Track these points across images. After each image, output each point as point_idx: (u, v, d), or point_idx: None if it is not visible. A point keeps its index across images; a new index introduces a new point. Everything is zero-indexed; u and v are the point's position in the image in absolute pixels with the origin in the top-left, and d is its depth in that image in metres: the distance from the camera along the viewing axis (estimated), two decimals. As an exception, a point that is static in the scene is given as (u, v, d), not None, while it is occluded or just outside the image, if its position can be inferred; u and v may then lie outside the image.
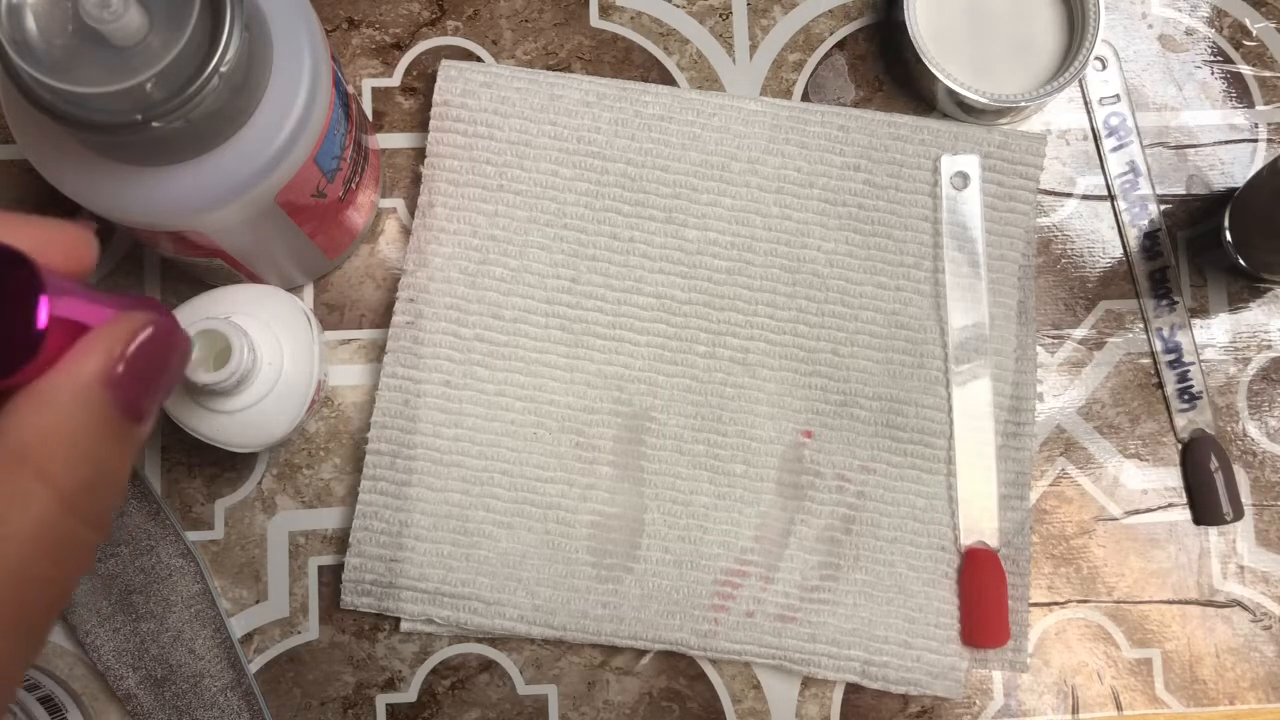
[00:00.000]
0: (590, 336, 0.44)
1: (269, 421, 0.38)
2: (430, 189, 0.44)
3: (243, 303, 0.38)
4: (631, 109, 0.44)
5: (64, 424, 0.21)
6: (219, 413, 0.37)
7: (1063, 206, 0.47)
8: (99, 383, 0.22)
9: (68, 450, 0.21)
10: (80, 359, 0.22)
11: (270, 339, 0.38)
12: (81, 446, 0.21)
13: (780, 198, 0.44)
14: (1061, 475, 0.45)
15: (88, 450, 0.21)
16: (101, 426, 0.22)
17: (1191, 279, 0.46)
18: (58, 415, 0.21)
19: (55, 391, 0.21)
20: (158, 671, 0.41)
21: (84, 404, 0.21)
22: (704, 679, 0.43)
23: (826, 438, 0.44)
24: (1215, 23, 0.48)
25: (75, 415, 0.21)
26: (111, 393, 0.22)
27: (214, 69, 0.29)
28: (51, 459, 0.21)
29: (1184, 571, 0.44)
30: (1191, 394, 0.45)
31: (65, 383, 0.21)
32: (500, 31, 0.47)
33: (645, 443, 0.43)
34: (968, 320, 0.44)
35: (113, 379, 0.22)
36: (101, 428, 0.22)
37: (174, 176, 0.32)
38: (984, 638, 0.42)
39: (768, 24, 0.47)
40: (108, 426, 0.22)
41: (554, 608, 0.42)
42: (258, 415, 0.38)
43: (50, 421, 0.21)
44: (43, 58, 0.28)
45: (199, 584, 0.42)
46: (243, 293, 0.39)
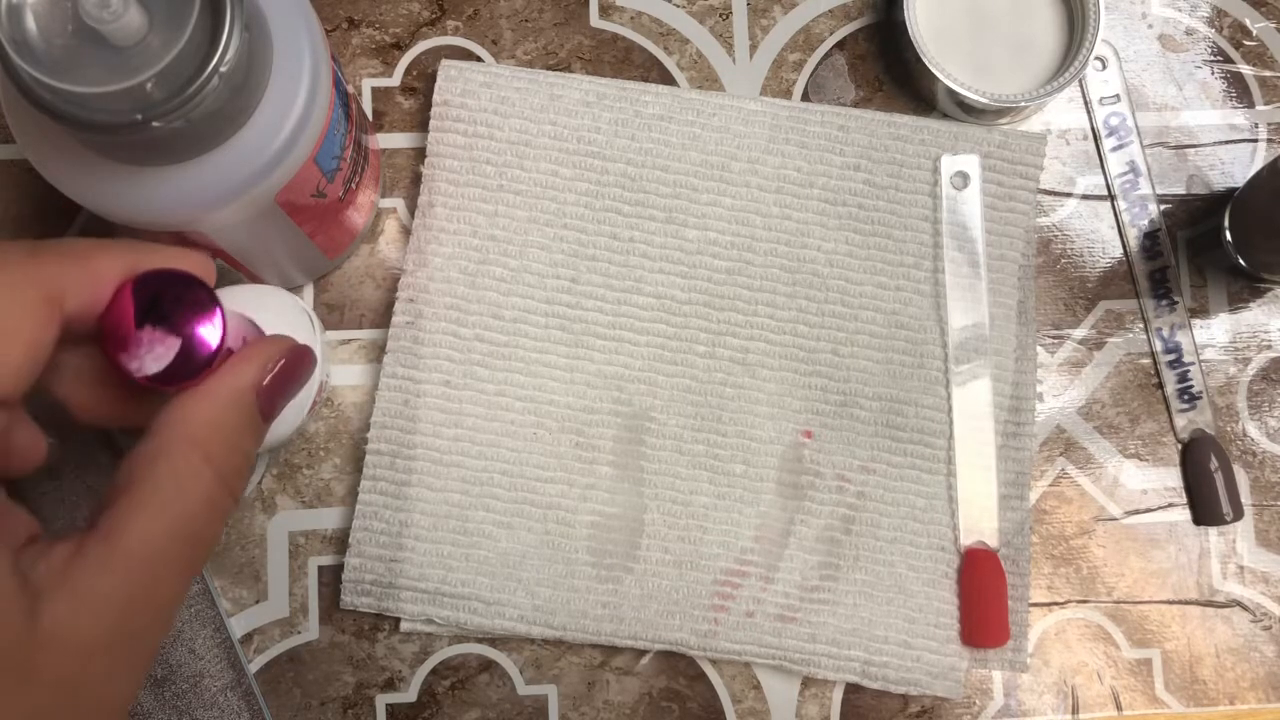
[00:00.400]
0: (590, 336, 0.44)
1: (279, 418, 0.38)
2: (430, 189, 0.44)
3: (246, 303, 0.38)
4: (631, 109, 0.44)
5: (225, 420, 0.27)
6: None
7: (1063, 206, 0.47)
8: (252, 390, 0.28)
9: (226, 441, 0.27)
10: (240, 370, 0.28)
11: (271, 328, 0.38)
12: (234, 438, 0.27)
13: (780, 198, 0.44)
14: (1061, 475, 0.45)
15: (237, 441, 0.28)
16: (248, 423, 0.28)
17: (1191, 279, 0.46)
18: (222, 414, 0.27)
19: (221, 394, 0.27)
20: (158, 671, 0.41)
21: (240, 406, 0.28)
22: (704, 679, 0.43)
23: (826, 438, 0.44)
24: (1215, 23, 0.48)
25: (233, 414, 0.28)
26: (259, 398, 0.28)
27: (214, 69, 0.29)
28: (215, 447, 0.27)
29: (1184, 571, 0.44)
30: (1191, 394, 0.45)
31: (229, 387, 0.28)
32: (500, 31, 0.47)
33: (645, 443, 0.43)
34: (968, 320, 0.44)
35: (262, 389, 0.28)
36: (248, 424, 0.28)
37: (174, 176, 0.32)
38: (984, 638, 0.42)
39: (768, 24, 0.47)
40: (252, 423, 0.28)
41: (554, 608, 0.42)
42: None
43: (216, 417, 0.27)
44: (43, 58, 0.28)
45: (199, 584, 0.42)
46: (246, 293, 0.39)
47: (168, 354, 0.27)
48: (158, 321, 0.27)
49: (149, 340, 0.27)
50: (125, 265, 0.27)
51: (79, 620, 0.24)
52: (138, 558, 0.25)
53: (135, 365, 0.27)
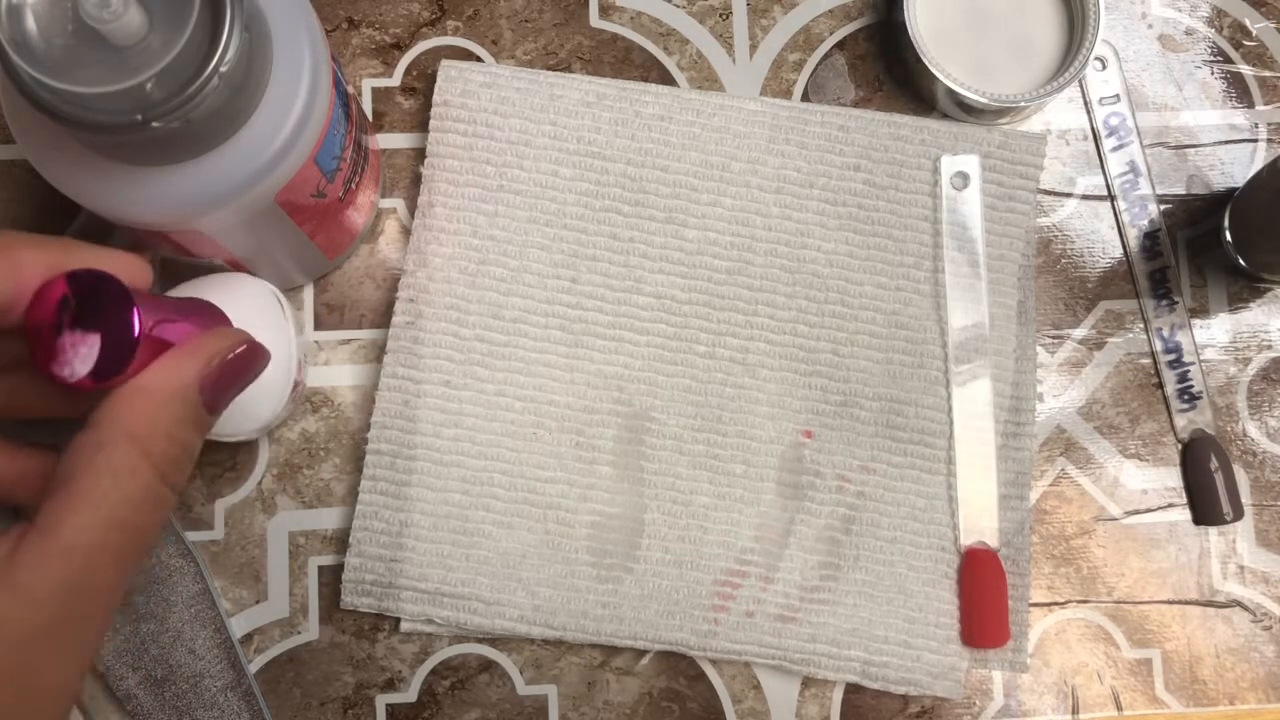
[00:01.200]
0: (590, 336, 0.44)
1: (253, 407, 0.38)
2: (430, 189, 0.44)
3: (215, 292, 0.38)
4: (631, 109, 0.44)
5: (164, 413, 0.27)
6: None
7: (1063, 206, 0.47)
8: (195, 383, 0.28)
9: (165, 434, 0.27)
10: (182, 363, 0.28)
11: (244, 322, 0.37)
12: (173, 432, 0.27)
13: (780, 198, 0.44)
14: (1061, 475, 0.45)
15: (178, 435, 0.27)
16: (190, 417, 0.28)
17: (1191, 279, 0.46)
18: (161, 407, 0.27)
19: (161, 388, 0.27)
20: (158, 671, 0.41)
21: (182, 400, 0.27)
22: (704, 679, 0.43)
23: (826, 438, 0.44)
24: (1215, 23, 0.48)
25: (174, 407, 0.27)
26: (203, 392, 0.28)
27: (214, 69, 0.29)
28: (153, 440, 0.27)
29: (1184, 571, 0.44)
30: (1191, 394, 0.45)
31: (169, 381, 0.27)
32: (500, 31, 0.47)
33: (645, 443, 0.43)
34: (968, 320, 0.44)
35: (206, 382, 0.28)
36: (190, 418, 0.28)
37: (174, 176, 0.32)
38: (984, 638, 0.42)
39: (768, 24, 0.47)
40: (194, 417, 0.28)
41: (554, 608, 0.42)
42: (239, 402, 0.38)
43: (155, 411, 0.27)
44: (43, 58, 0.28)
45: (199, 584, 0.42)
46: (215, 282, 0.39)
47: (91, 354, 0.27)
48: (75, 323, 0.27)
49: (71, 344, 0.27)
50: (49, 262, 0.27)
51: (16, 613, 0.25)
52: (75, 551, 0.25)
53: (67, 371, 0.27)
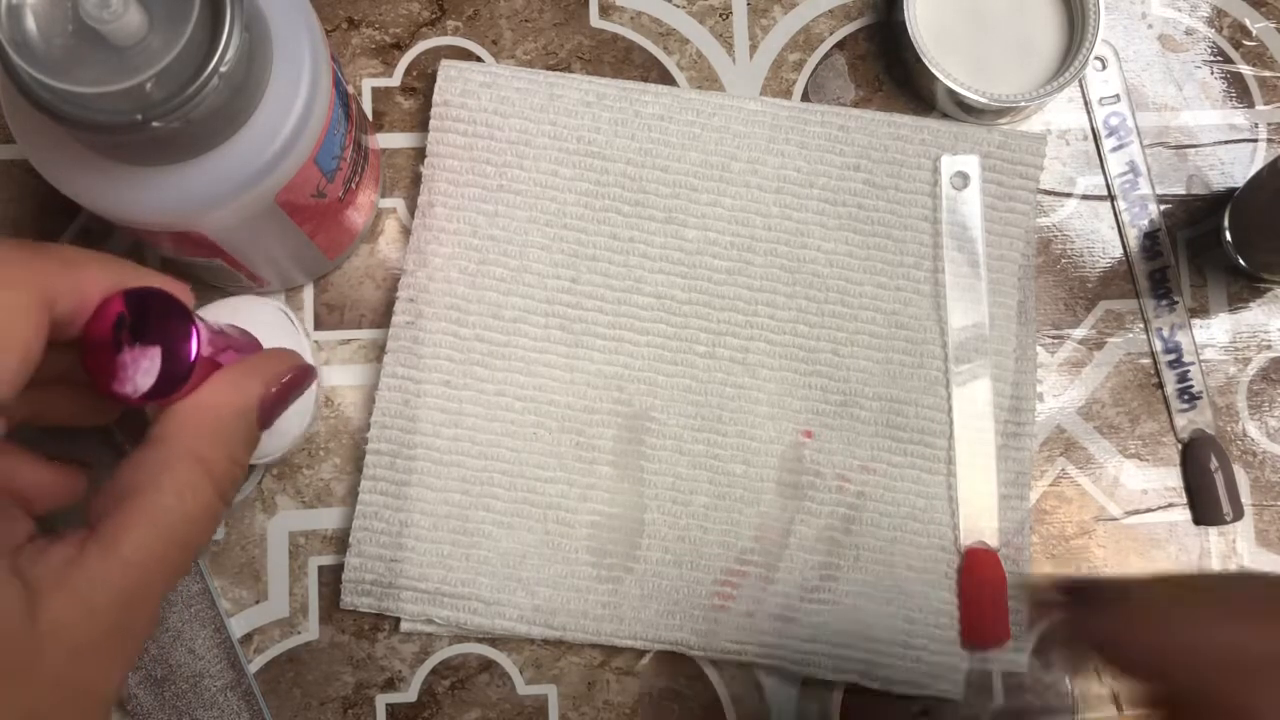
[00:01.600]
0: (590, 336, 0.44)
1: (273, 434, 0.38)
2: (430, 189, 0.44)
3: (230, 314, 0.38)
4: (631, 109, 0.44)
5: (228, 433, 0.28)
6: None
7: (1063, 206, 0.47)
8: (257, 404, 0.29)
9: (226, 452, 0.28)
10: (246, 384, 0.29)
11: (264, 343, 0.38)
12: (233, 452, 0.28)
13: (780, 198, 0.44)
14: (1061, 475, 0.45)
15: (235, 455, 0.29)
16: (246, 436, 0.29)
17: (1191, 279, 0.46)
18: (226, 426, 0.28)
19: (226, 407, 0.28)
20: (157, 671, 0.41)
21: (243, 421, 0.29)
22: (704, 679, 0.43)
23: (826, 438, 0.44)
24: (1215, 23, 0.48)
25: (235, 429, 0.29)
26: (259, 412, 0.29)
27: (214, 69, 0.29)
28: (216, 460, 0.28)
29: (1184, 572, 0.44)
30: (1191, 394, 0.45)
31: (234, 400, 0.29)
32: (500, 31, 0.47)
33: (645, 443, 0.43)
34: (968, 320, 0.44)
35: (264, 403, 0.29)
36: (246, 437, 0.29)
37: (174, 176, 0.32)
38: (984, 638, 0.42)
39: (768, 24, 0.47)
40: (250, 435, 0.29)
41: (554, 608, 0.42)
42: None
43: (220, 431, 0.28)
44: (43, 58, 0.28)
45: (199, 584, 0.42)
46: (237, 305, 0.39)
47: (154, 368, 0.27)
48: (136, 339, 0.27)
49: (133, 360, 0.27)
50: (111, 278, 0.28)
51: (76, 621, 0.25)
52: (135, 564, 0.26)
53: (129, 388, 0.27)
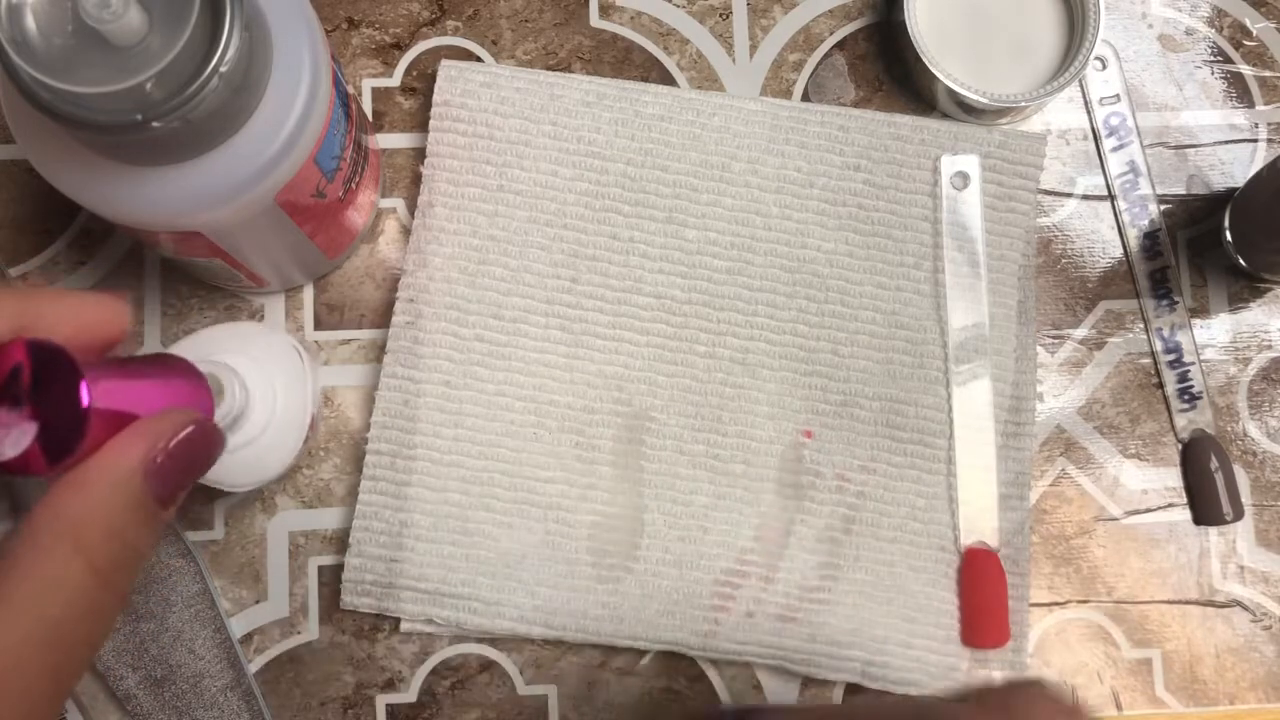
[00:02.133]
0: (590, 336, 0.44)
1: (264, 459, 0.38)
2: (430, 189, 0.44)
3: (233, 341, 0.38)
4: (631, 109, 0.44)
5: (104, 507, 0.24)
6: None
7: (1063, 206, 0.47)
8: (139, 472, 0.24)
9: (105, 531, 0.23)
10: (124, 449, 0.24)
11: (263, 378, 0.38)
12: (116, 528, 0.24)
13: (780, 198, 0.44)
14: (1061, 475, 0.45)
15: (121, 531, 0.24)
16: (135, 511, 0.24)
17: (1191, 279, 0.46)
18: (100, 499, 0.24)
19: (100, 477, 0.24)
20: (158, 671, 0.41)
21: (123, 491, 0.24)
22: (704, 679, 0.43)
23: (826, 438, 0.44)
24: (1215, 23, 0.48)
25: (114, 500, 0.24)
26: (149, 481, 0.24)
27: (214, 69, 0.29)
28: (90, 538, 0.23)
29: (1184, 571, 0.44)
30: (1191, 394, 0.45)
31: (109, 470, 0.24)
32: (500, 31, 0.47)
33: (645, 443, 0.43)
34: (968, 320, 0.44)
35: (151, 469, 0.24)
36: (135, 512, 0.24)
37: (174, 176, 0.32)
38: (984, 638, 0.42)
39: (768, 24, 0.47)
40: (141, 511, 0.24)
41: (554, 608, 0.42)
42: (253, 454, 0.38)
43: (93, 504, 0.23)
44: (43, 58, 0.28)
45: (199, 584, 0.42)
46: (234, 330, 0.39)
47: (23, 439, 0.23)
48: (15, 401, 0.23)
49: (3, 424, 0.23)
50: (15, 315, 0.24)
51: None
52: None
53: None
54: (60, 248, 0.45)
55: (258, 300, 0.45)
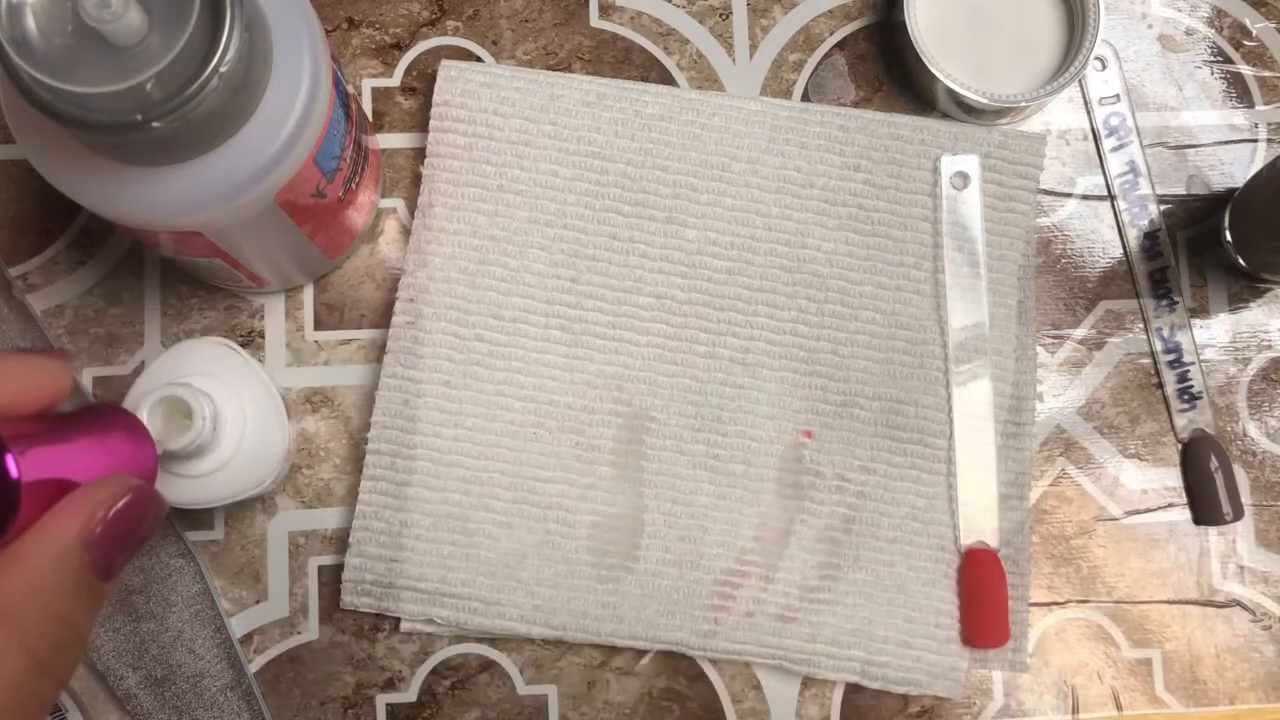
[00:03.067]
0: (590, 336, 0.44)
1: (243, 475, 0.38)
2: (430, 189, 0.44)
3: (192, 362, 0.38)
4: (631, 109, 0.44)
5: (41, 586, 0.22)
6: (186, 477, 0.37)
7: (1063, 206, 0.47)
8: (77, 545, 0.23)
9: (42, 611, 0.22)
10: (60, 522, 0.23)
11: (232, 397, 0.38)
12: (55, 607, 0.22)
13: (780, 198, 0.44)
14: (1061, 475, 0.45)
15: (61, 611, 0.22)
16: (75, 587, 0.23)
17: (1191, 279, 0.46)
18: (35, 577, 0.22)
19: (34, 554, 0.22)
20: (158, 671, 0.41)
21: (61, 566, 0.22)
22: (704, 679, 0.43)
23: (826, 438, 0.44)
24: (1215, 23, 0.48)
25: (52, 577, 0.22)
26: (88, 554, 0.23)
27: (214, 69, 0.29)
28: (26, 620, 0.21)
29: (1184, 571, 0.44)
30: (1191, 394, 0.45)
31: (45, 545, 0.22)
32: (500, 31, 0.47)
33: (645, 443, 0.43)
34: (968, 320, 0.44)
35: (90, 541, 0.23)
36: (75, 588, 0.23)
37: (174, 176, 0.32)
38: (984, 638, 0.42)
39: (768, 24, 0.47)
40: (81, 586, 0.23)
41: (554, 608, 0.42)
42: (227, 474, 0.38)
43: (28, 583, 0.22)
44: (43, 58, 0.28)
45: (199, 584, 0.42)
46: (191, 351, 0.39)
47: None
48: None
49: None
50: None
51: None
52: None
53: None
54: (60, 248, 0.45)
55: (258, 300, 0.45)
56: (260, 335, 0.44)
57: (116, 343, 0.44)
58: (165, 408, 0.35)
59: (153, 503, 0.25)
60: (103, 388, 0.44)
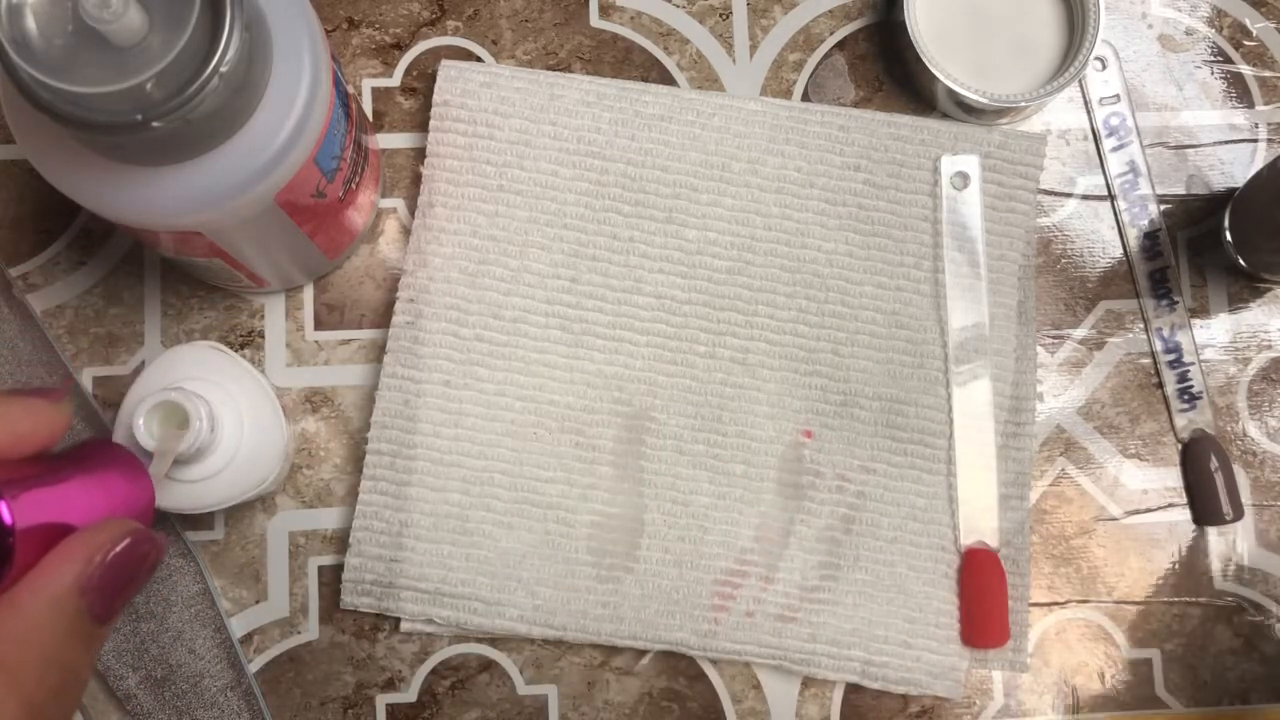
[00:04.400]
0: (590, 336, 0.44)
1: (244, 476, 0.38)
2: (430, 189, 0.44)
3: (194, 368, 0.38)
4: (631, 109, 0.44)
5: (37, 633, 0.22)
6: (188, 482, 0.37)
7: (1063, 206, 0.47)
8: (74, 591, 0.23)
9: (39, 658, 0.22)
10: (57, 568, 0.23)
11: (227, 398, 0.38)
12: (52, 654, 0.22)
13: (780, 198, 0.44)
14: (1061, 475, 0.45)
15: (58, 657, 0.22)
16: (72, 632, 0.23)
17: (1191, 279, 0.46)
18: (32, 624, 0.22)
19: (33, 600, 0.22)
20: (158, 671, 0.41)
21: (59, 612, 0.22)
22: (704, 679, 0.43)
23: (826, 438, 0.44)
24: (1215, 23, 0.48)
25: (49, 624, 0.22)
26: (85, 599, 0.23)
27: (214, 69, 0.29)
28: (24, 668, 0.21)
29: (1184, 571, 0.44)
30: (1191, 394, 0.45)
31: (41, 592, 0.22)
32: (500, 31, 0.47)
33: (645, 443, 0.43)
34: (968, 320, 0.44)
35: (88, 586, 0.23)
36: (72, 633, 0.23)
37: (174, 176, 0.32)
38: (984, 638, 0.42)
39: (768, 24, 0.47)
40: (77, 631, 0.23)
41: (554, 608, 0.42)
42: (231, 473, 0.38)
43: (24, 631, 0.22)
44: (43, 58, 0.28)
45: (199, 584, 0.42)
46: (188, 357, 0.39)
47: None
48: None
49: None
50: None
51: None
52: None
53: None
54: (60, 248, 0.45)
55: (258, 300, 0.45)
56: (260, 335, 0.44)
57: (116, 343, 0.44)
58: (161, 414, 0.35)
59: (151, 545, 0.25)
60: (103, 388, 0.44)
